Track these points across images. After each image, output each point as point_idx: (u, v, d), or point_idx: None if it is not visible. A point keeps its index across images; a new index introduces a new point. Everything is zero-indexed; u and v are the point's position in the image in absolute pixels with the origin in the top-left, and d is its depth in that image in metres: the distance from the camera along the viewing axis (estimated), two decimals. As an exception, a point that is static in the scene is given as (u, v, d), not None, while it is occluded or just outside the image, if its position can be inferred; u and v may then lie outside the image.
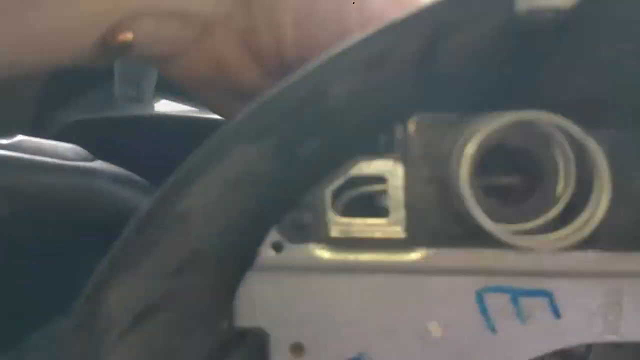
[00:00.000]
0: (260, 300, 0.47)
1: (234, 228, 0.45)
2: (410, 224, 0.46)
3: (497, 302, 0.47)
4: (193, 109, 0.88)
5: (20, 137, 0.64)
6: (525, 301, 0.47)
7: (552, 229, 0.43)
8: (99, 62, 0.56)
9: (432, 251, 0.46)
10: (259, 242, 0.46)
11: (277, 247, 0.47)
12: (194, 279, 0.46)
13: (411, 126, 0.45)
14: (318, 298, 0.47)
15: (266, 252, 0.47)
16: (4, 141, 0.63)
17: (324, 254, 0.47)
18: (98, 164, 0.66)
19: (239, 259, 0.48)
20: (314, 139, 0.44)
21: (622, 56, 0.39)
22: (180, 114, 0.88)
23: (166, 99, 0.92)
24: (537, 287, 0.47)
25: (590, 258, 0.46)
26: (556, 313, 0.46)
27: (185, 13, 0.55)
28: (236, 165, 0.40)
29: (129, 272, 0.39)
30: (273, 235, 0.46)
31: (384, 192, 0.47)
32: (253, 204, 0.45)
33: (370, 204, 0.48)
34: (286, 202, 0.46)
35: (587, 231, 0.41)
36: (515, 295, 0.47)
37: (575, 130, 0.40)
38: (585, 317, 0.46)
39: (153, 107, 0.89)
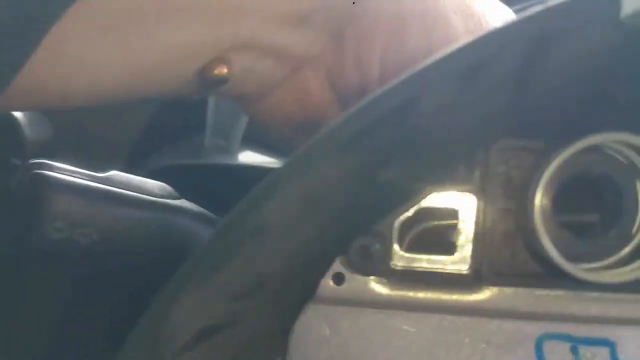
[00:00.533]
0: (314, 337, 0.47)
1: (305, 251, 0.45)
2: (476, 261, 0.45)
3: (556, 352, 0.45)
4: (275, 160, 0.91)
5: (112, 172, 0.68)
6: (585, 351, 0.45)
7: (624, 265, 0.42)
8: (194, 95, 0.58)
9: (496, 291, 0.45)
10: (323, 271, 0.47)
11: (338, 279, 0.47)
12: (256, 304, 0.46)
13: (494, 153, 0.44)
14: (374, 336, 0.47)
15: (326, 284, 0.47)
16: (97, 174, 0.67)
17: (383, 289, 0.47)
18: (183, 202, 0.69)
19: (301, 288, 0.48)
20: (397, 162, 0.43)
21: None
22: (263, 164, 0.92)
23: (250, 150, 0.95)
24: (599, 336, 0.45)
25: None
26: (619, 365, 0.45)
27: (282, 50, 0.57)
28: (316, 182, 0.41)
29: (196, 289, 0.41)
30: (336, 266, 0.46)
31: (454, 227, 0.47)
32: (327, 227, 0.45)
33: (439, 239, 0.48)
34: (356, 230, 0.46)
35: None
36: (576, 344, 0.45)
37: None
38: (651, 371, 0.45)
39: (237, 157, 0.92)
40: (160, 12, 0.49)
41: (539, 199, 0.40)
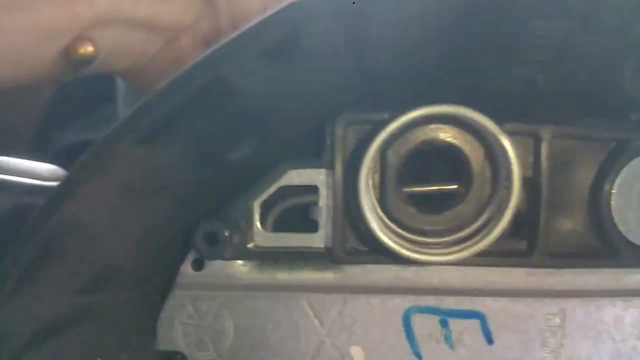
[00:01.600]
0: (181, 321, 0.46)
1: (149, 242, 0.44)
2: (335, 238, 0.43)
3: (425, 325, 0.44)
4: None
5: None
6: (455, 324, 0.44)
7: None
8: (64, 77, 0.55)
9: (355, 268, 0.44)
10: (176, 259, 0.45)
11: (197, 265, 0.45)
12: (113, 296, 0.44)
13: (340, 126, 0.42)
14: (238, 317, 0.45)
15: (186, 270, 0.45)
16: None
17: (244, 271, 0.45)
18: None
19: (162, 277, 0.46)
20: (242, 141, 0.42)
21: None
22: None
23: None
24: (468, 308, 0.43)
25: (528, 276, 0.42)
26: (489, 338, 0.43)
27: (151, 22, 0.55)
28: (128, 170, 0.38)
29: (19, 290, 0.38)
30: (201, 244, 0.44)
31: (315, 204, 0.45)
32: (168, 214, 0.43)
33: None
34: (209, 214, 0.44)
35: (486, 243, 0.37)
36: (444, 316, 0.44)
37: (489, 125, 0.36)
38: (522, 342, 0.43)
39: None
40: None
41: (365, 172, 0.38)
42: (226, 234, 0.43)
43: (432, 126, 0.39)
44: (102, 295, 0.44)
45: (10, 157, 0.69)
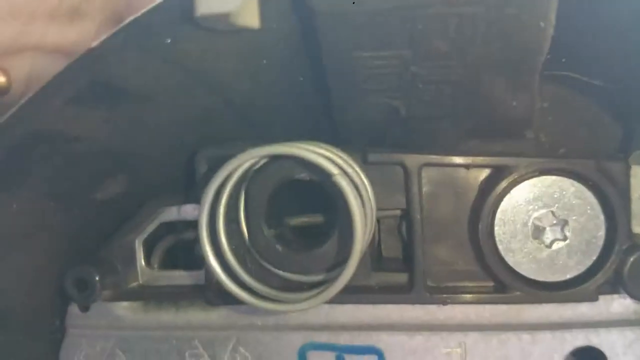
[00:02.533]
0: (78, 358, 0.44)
1: (30, 285, 0.42)
2: (208, 279, 0.41)
3: (323, 362, 0.41)
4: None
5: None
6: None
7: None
8: None
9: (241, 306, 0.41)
10: (50, 306, 0.43)
11: (83, 307, 0.43)
12: (14, 336, 0.43)
13: (198, 163, 0.39)
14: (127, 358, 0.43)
15: (73, 311, 0.44)
16: None
17: (129, 312, 0.43)
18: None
19: (58, 318, 0.45)
20: (107, 180, 0.40)
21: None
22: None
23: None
24: (365, 344, 0.40)
25: (419, 309, 0.39)
26: (387, 373, 0.40)
27: (63, 46, 0.53)
28: None
29: None
30: (72, 290, 0.42)
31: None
32: (42, 258, 0.42)
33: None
34: (87, 255, 0.43)
35: (340, 284, 0.34)
36: (341, 352, 0.41)
37: (325, 164, 0.33)
38: (422, 378, 0.40)
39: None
40: None
41: (206, 211, 0.35)
42: (97, 278, 0.41)
43: (286, 164, 0.35)
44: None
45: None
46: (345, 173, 0.33)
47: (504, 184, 0.36)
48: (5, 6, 0.48)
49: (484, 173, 0.37)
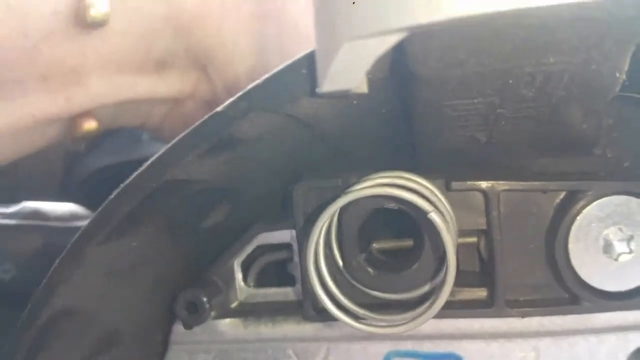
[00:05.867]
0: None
1: (140, 309, 0.47)
2: (306, 298, 0.45)
3: (406, 368, 0.45)
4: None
5: (22, 204, 0.70)
6: (433, 365, 0.45)
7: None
8: (71, 147, 0.59)
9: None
10: (173, 318, 0.48)
11: (186, 325, 0.48)
12: (122, 352, 0.48)
13: (296, 194, 0.43)
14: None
15: (178, 329, 0.48)
16: (8, 210, 0.69)
17: (230, 328, 0.47)
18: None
19: (161, 333, 0.49)
20: (213, 210, 0.44)
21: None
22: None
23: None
24: (445, 351, 0.45)
25: (497, 320, 0.43)
26: (468, 378, 0.44)
27: (150, 97, 0.58)
28: (103, 262, 0.41)
29: None
30: (182, 313, 0.47)
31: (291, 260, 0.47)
32: (153, 285, 0.47)
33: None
34: (191, 278, 0.47)
35: (434, 311, 0.38)
36: (424, 359, 0.45)
37: (420, 203, 0.37)
38: (501, 381, 0.44)
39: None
40: None
41: (311, 247, 0.40)
42: (204, 299, 0.45)
43: (379, 198, 0.39)
44: (109, 356, 0.47)
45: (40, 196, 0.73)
46: (437, 209, 0.37)
47: (578, 205, 0.40)
48: (96, 63, 0.53)
49: (560, 195, 0.41)
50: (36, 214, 0.69)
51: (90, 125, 0.56)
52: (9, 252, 0.68)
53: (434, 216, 0.36)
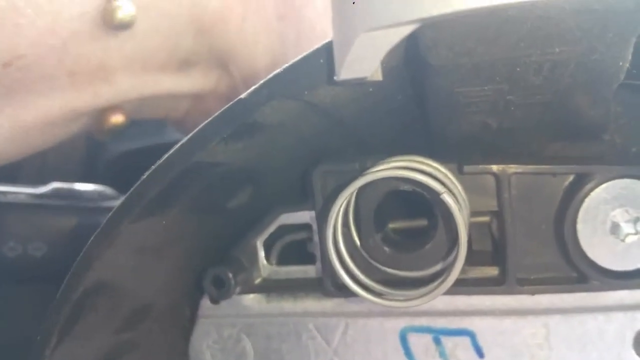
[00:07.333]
0: (207, 346, 0.52)
1: (169, 285, 0.49)
2: (325, 275, 0.47)
3: (420, 343, 0.48)
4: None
5: (53, 185, 0.72)
6: (447, 341, 0.47)
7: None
8: (100, 138, 0.62)
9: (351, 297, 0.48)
10: (201, 293, 0.51)
11: (214, 300, 0.50)
12: (149, 328, 0.51)
13: (315, 177, 0.46)
14: (257, 342, 0.51)
15: (206, 304, 0.51)
16: (39, 190, 0.72)
17: (255, 303, 0.50)
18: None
19: (189, 308, 0.52)
20: (238, 191, 0.47)
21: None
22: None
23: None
24: (458, 327, 0.47)
25: (509, 297, 0.45)
26: (479, 352, 0.46)
27: (175, 93, 0.62)
28: (135, 239, 0.44)
29: (63, 340, 0.45)
30: (210, 288, 0.50)
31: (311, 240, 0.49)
32: (181, 262, 0.49)
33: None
34: (217, 256, 0.50)
35: (446, 285, 0.41)
36: (437, 334, 0.47)
37: (433, 184, 0.39)
38: (511, 355, 0.46)
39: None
40: (20, 84, 0.52)
41: (330, 226, 0.42)
42: (230, 275, 0.48)
43: (394, 180, 0.41)
44: (140, 328, 0.50)
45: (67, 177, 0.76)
46: (449, 191, 0.39)
47: (586, 188, 0.41)
48: (122, 61, 0.56)
49: (569, 178, 0.42)
50: (67, 194, 0.72)
51: (117, 119, 0.59)
52: (40, 230, 0.70)
53: (446, 197, 0.38)
